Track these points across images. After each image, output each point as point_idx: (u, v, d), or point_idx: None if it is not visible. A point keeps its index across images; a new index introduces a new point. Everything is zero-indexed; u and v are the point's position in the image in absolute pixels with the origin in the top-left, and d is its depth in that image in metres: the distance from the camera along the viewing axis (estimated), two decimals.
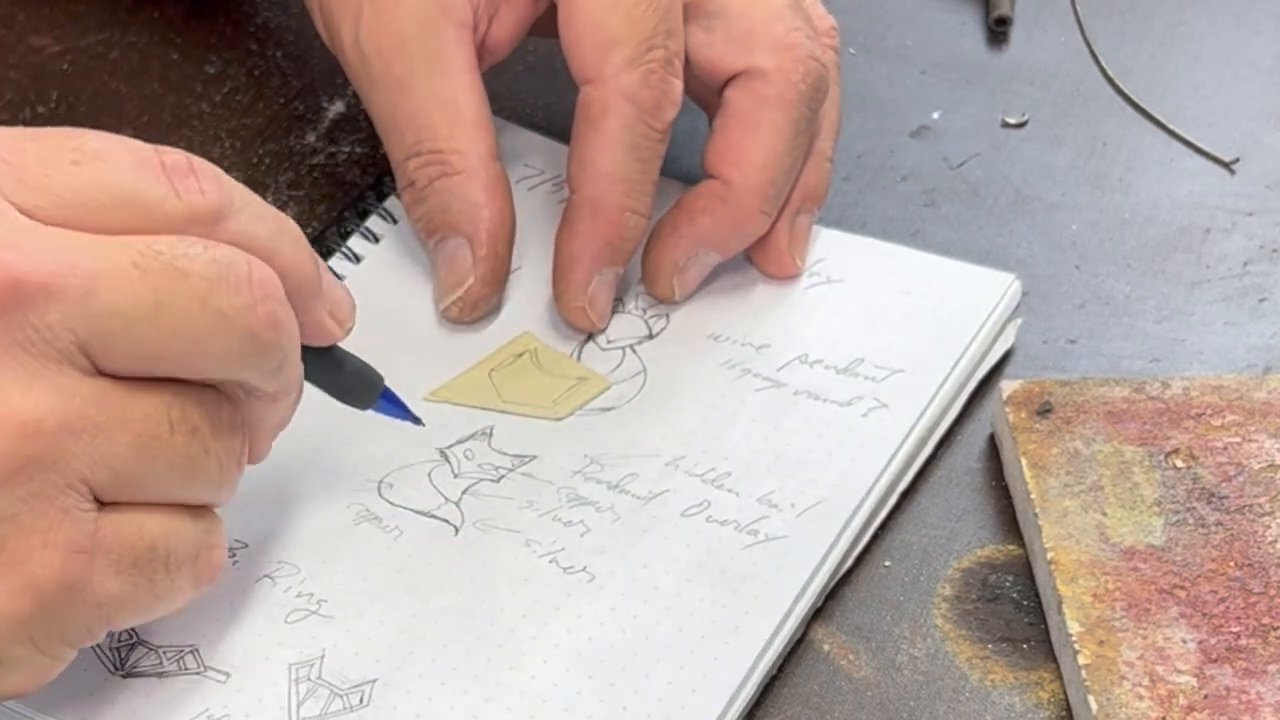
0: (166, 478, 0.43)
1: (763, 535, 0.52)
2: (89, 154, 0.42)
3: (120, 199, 0.42)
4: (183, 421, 0.43)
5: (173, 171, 0.42)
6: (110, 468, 0.42)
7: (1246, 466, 0.54)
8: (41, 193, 0.41)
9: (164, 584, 0.44)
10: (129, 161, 0.42)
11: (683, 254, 0.58)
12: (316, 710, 0.48)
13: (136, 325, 0.41)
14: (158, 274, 0.41)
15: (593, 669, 0.49)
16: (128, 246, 0.41)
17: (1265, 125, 0.69)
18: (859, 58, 0.72)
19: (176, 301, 0.41)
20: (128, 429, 0.42)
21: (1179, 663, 0.49)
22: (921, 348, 0.57)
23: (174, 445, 0.43)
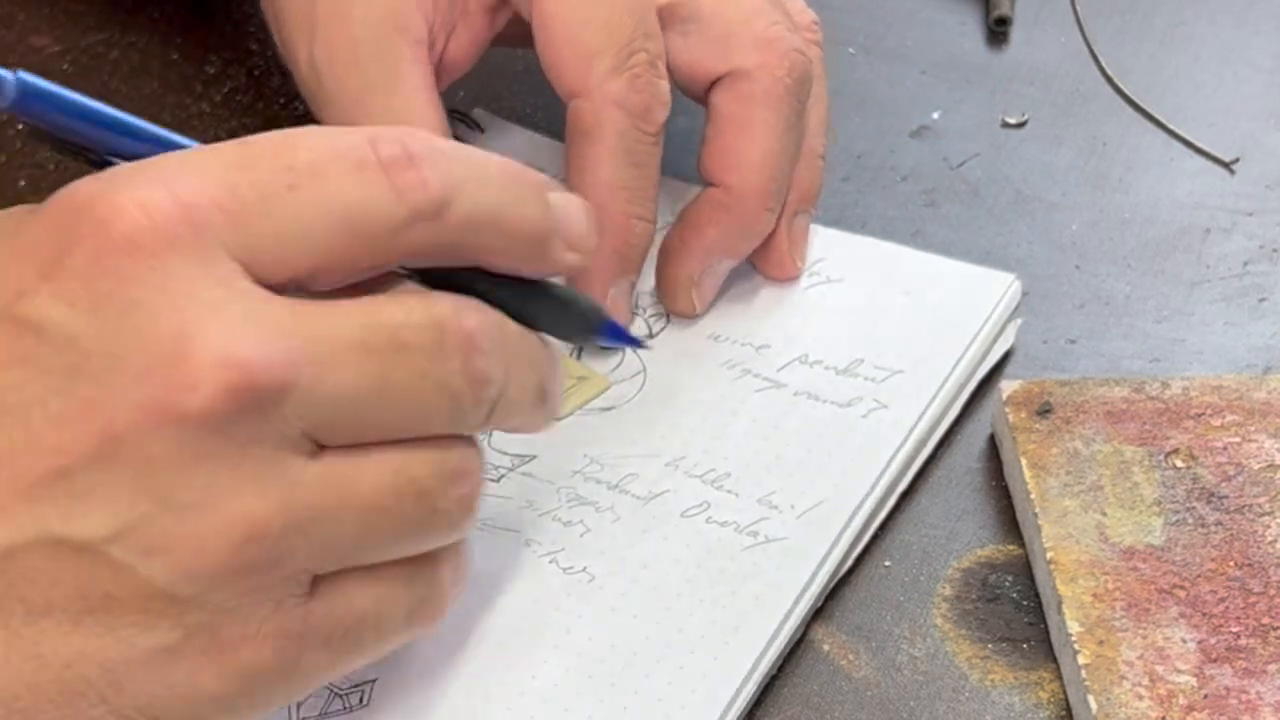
0: (392, 547, 0.42)
1: (763, 536, 0.52)
2: (305, 172, 0.39)
3: (344, 221, 0.40)
4: (409, 487, 0.41)
5: (391, 168, 0.40)
6: (334, 551, 0.40)
7: (1246, 466, 0.54)
8: (263, 238, 0.39)
9: (373, 644, 0.43)
10: (345, 168, 0.40)
11: (696, 267, 0.58)
12: (316, 710, 0.48)
13: (363, 406, 0.40)
14: (383, 352, 0.40)
15: (592, 669, 0.49)
16: (351, 321, 0.39)
17: (1265, 125, 0.69)
18: (859, 58, 0.72)
19: (399, 378, 0.40)
20: (352, 509, 0.40)
21: (1179, 662, 0.49)
22: (921, 348, 0.57)
23: (402, 514, 0.41)
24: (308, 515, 0.39)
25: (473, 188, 0.41)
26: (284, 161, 0.39)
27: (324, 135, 0.40)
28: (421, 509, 0.41)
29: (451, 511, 0.42)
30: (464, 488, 0.43)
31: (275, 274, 0.39)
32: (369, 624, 0.42)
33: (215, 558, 0.38)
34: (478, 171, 0.42)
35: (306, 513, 0.39)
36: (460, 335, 0.41)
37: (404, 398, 0.40)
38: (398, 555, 0.42)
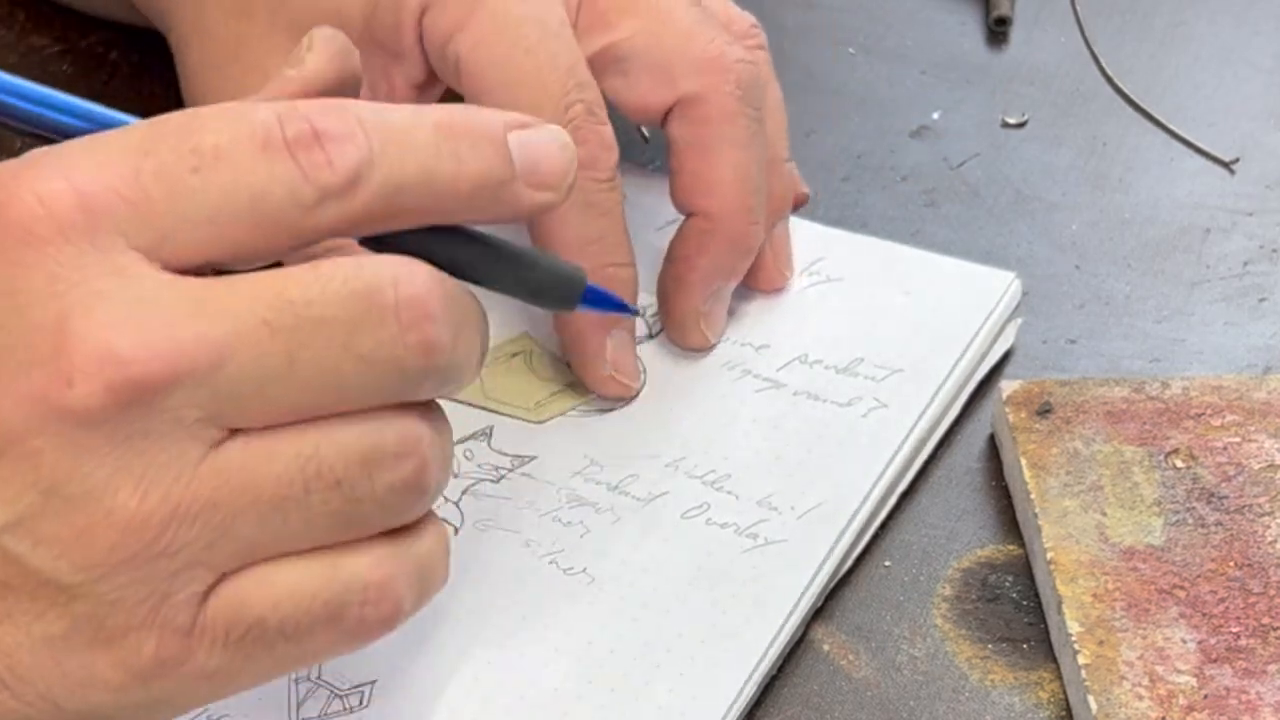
0: (302, 537, 0.39)
1: (763, 539, 0.52)
2: (209, 155, 0.38)
3: (249, 204, 0.38)
4: (320, 478, 0.39)
5: (297, 147, 0.38)
6: (231, 544, 0.39)
7: (1246, 466, 0.54)
8: (166, 223, 0.38)
9: (287, 649, 0.40)
10: (250, 149, 0.38)
11: (699, 300, 0.57)
12: (316, 711, 0.48)
13: (269, 386, 0.38)
14: (291, 328, 0.38)
15: (593, 674, 0.49)
16: (257, 300, 0.38)
17: (1265, 125, 0.69)
18: (859, 58, 0.72)
19: (312, 355, 0.38)
20: (252, 499, 0.38)
21: (1179, 663, 0.49)
22: (921, 347, 0.57)
23: (311, 505, 0.39)
24: (197, 509, 0.38)
25: (393, 156, 0.39)
26: (188, 144, 0.38)
27: (231, 115, 0.39)
28: (335, 498, 0.39)
29: (384, 500, 0.40)
30: (400, 471, 0.40)
31: (183, 259, 0.38)
32: (273, 626, 0.40)
33: (97, 549, 0.38)
34: (400, 137, 0.39)
35: (196, 505, 0.38)
36: (393, 300, 0.39)
37: (320, 376, 0.38)
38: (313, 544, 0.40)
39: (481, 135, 0.41)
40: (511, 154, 0.41)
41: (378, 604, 0.41)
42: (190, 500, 0.38)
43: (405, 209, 0.40)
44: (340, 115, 0.39)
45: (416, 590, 0.42)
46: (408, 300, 0.39)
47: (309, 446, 0.39)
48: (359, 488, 0.39)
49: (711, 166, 0.56)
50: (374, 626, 0.41)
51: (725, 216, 0.56)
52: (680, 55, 0.56)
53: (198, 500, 0.38)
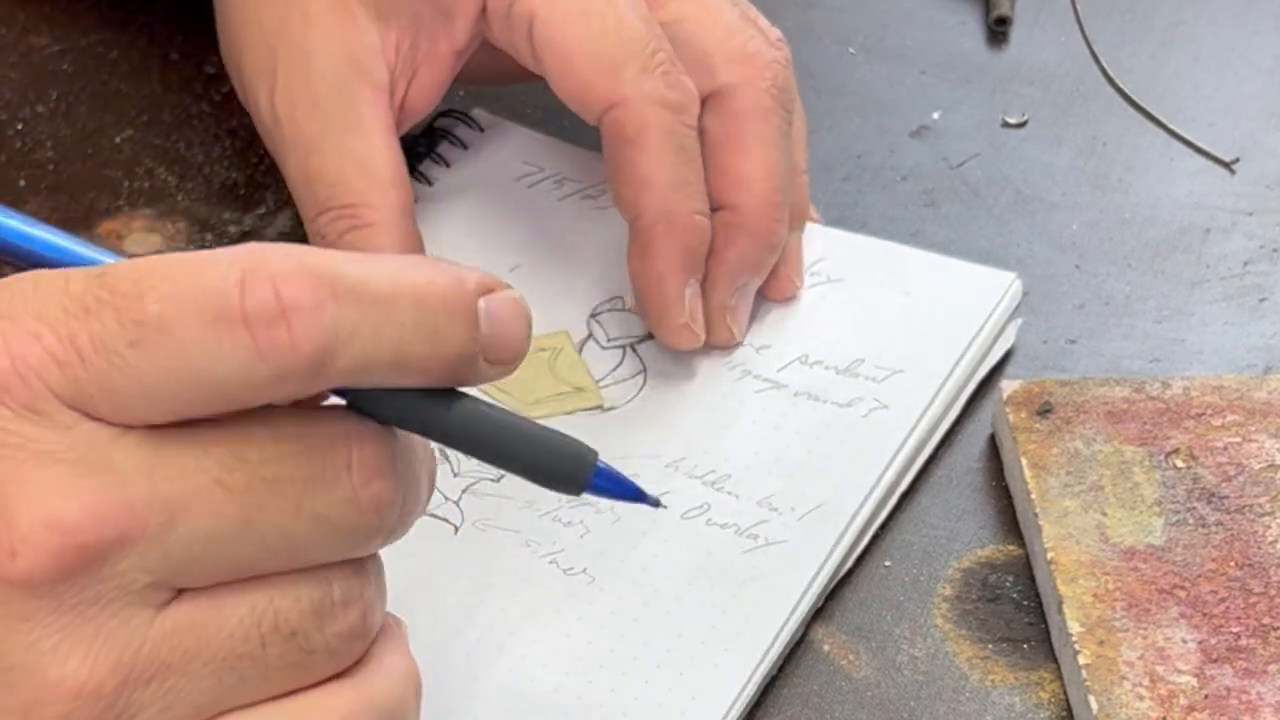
0: (260, 688, 0.38)
1: (763, 539, 0.52)
2: (152, 326, 0.35)
3: (190, 381, 0.35)
4: (276, 631, 0.37)
5: (255, 323, 0.35)
6: (185, 706, 0.37)
7: (1247, 466, 0.54)
8: (102, 393, 0.35)
9: None
10: (198, 324, 0.35)
11: (725, 295, 0.57)
12: None
13: (223, 546, 0.36)
14: (245, 489, 0.36)
15: (593, 674, 0.49)
16: (207, 458, 0.36)
17: (1265, 125, 0.68)
18: (859, 58, 0.72)
19: (267, 516, 0.36)
20: (208, 658, 0.37)
21: (1179, 663, 0.49)
22: (922, 348, 0.57)
23: (267, 658, 0.37)
24: (151, 671, 0.36)
25: (367, 334, 0.36)
26: (130, 314, 0.35)
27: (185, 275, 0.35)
28: (292, 651, 0.38)
29: (334, 647, 0.38)
30: (348, 619, 0.38)
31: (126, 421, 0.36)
32: None
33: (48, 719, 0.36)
34: (379, 313, 0.36)
35: (149, 669, 0.36)
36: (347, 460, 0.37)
37: (274, 535, 0.36)
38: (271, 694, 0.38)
39: (457, 307, 0.37)
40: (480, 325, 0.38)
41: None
42: (143, 665, 0.36)
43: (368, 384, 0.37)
44: (311, 281, 0.35)
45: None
46: (360, 459, 0.37)
47: (263, 601, 0.37)
48: (312, 638, 0.38)
49: (742, 162, 0.57)
50: None
51: (752, 211, 0.57)
52: (721, 48, 0.57)
53: (151, 664, 0.36)
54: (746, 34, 0.58)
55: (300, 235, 0.64)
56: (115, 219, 0.64)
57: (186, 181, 0.65)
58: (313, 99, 0.57)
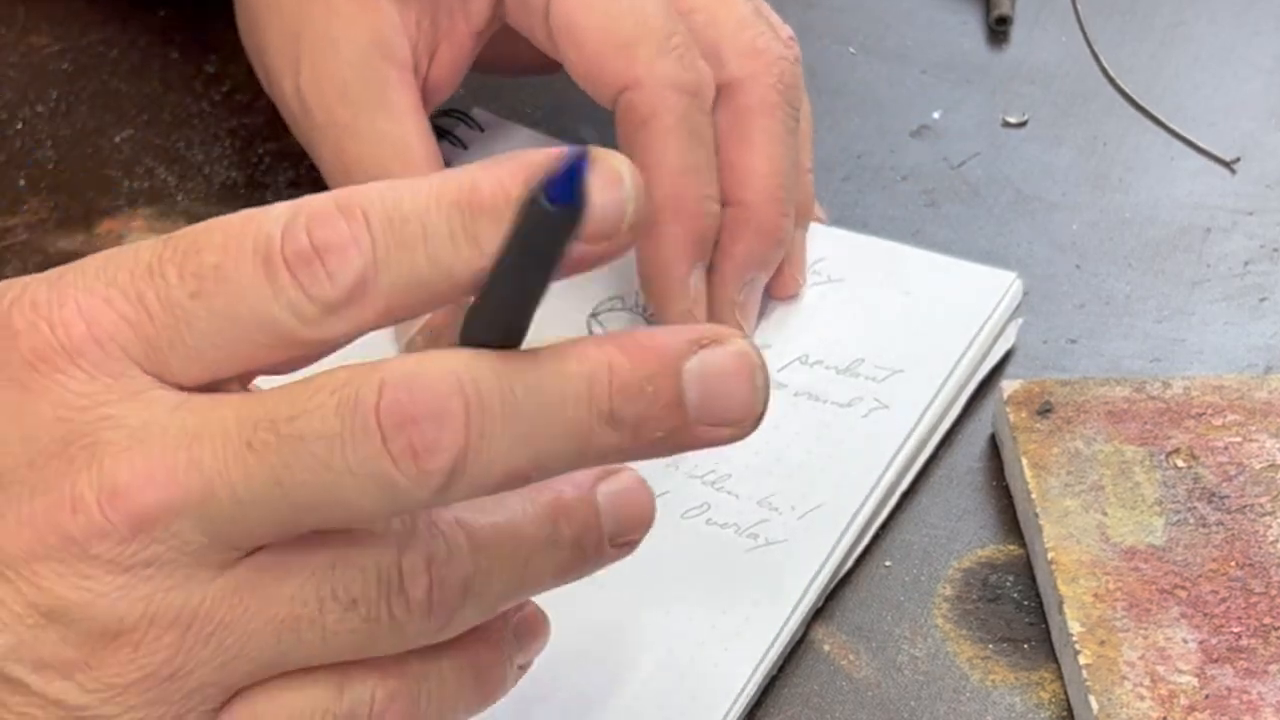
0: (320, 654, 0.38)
1: (763, 539, 0.52)
2: (209, 274, 0.37)
3: (250, 325, 0.37)
4: (335, 598, 0.37)
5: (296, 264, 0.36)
6: (244, 664, 0.38)
7: (1247, 466, 0.53)
8: (172, 348, 0.37)
9: None
10: (251, 268, 0.37)
11: (734, 290, 0.57)
12: None
13: (259, 508, 0.36)
14: (273, 449, 0.36)
15: (591, 672, 0.49)
16: (243, 422, 0.36)
17: (1265, 125, 0.68)
18: (859, 57, 0.72)
19: (296, 475, 0.36)
20: (265, 619, 0.37)
21: (1180, 663, 0.48)
22: (922, 348, 0.57)
23: (325, 625, 0.37)
24: (209, 628, 0.37)
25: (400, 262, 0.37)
26: (190, 266, 0.37)
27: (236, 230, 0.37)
28: (352, 620, 0.38)
29: (401, 620, 0.38)
30: (415, 593, 0.38)
31: (194, 379, 0.37)
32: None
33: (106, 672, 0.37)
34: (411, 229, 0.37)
35: (207, 625, 0.37)
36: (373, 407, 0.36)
37: (307, 494, 0.36)
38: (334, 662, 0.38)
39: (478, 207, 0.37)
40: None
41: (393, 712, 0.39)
42: (202, 623, 0.37)
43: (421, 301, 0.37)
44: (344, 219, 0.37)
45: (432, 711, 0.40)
46: (390, 404, 0.35)
47: (327, 562, 0.37)
48: (376, 609, 0.38)
49: (749, 157, 0.56)
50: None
51: (759, 206, 0.56)
52: (732, 41, 0.57)
53: (210, 622, 0.37)
54: (758, 29, 0.58)
55: None
56: (115, 218, 0.64)
57: (186, 181, 0.65)
58: (341, 84, 0.57)
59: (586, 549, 0.40)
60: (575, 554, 0.40)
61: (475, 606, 0.39)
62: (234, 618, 0.37)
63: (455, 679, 0.40)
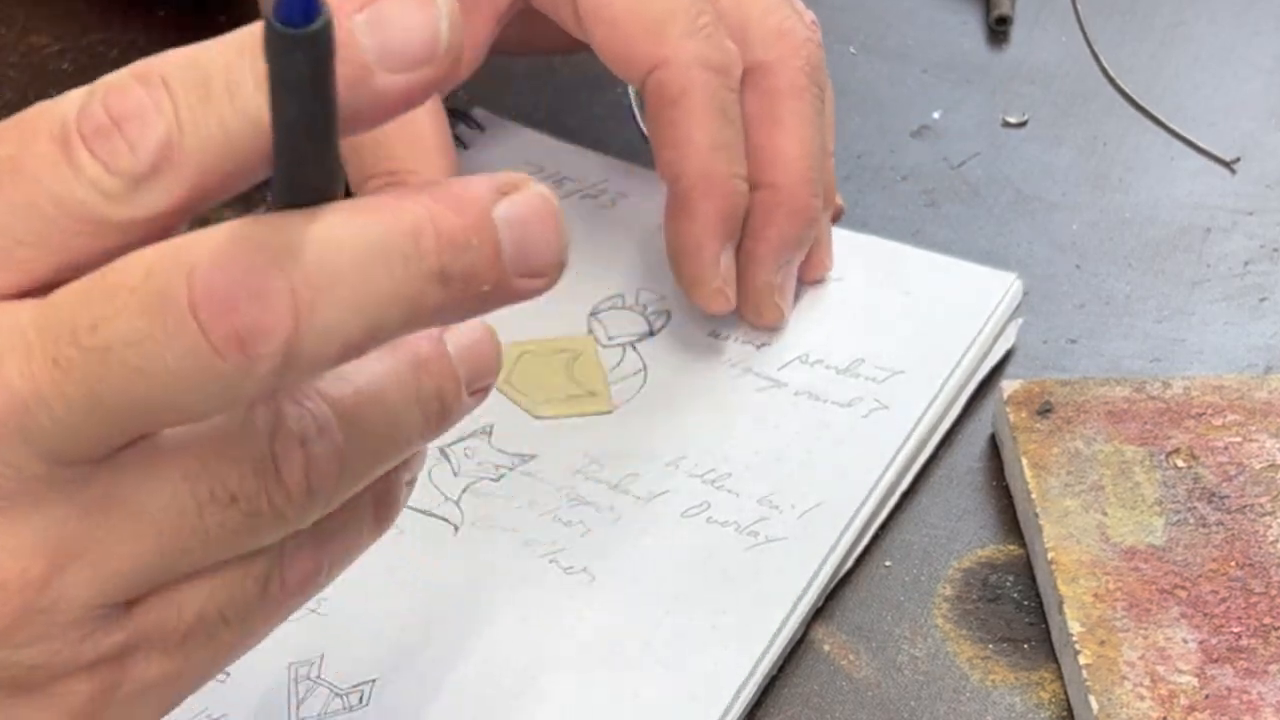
0: (209, 555, 0.36)
1: (763, 537, 0.52)
2: (6, 169, 0.34)
3: (56, 213, 0.34)
4: (214, 498, 0.35)
5: (93, 139, 0.33)
6: (130, 576, 0.35)
7: (1247, 466, 0.53)
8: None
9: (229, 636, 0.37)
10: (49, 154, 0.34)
11: (770, 273, 0.57)
12: (316, 710, 0.48)
13: (86, 424, 0.33)
14: (79, 365, 0.33)
15: (592, 671, 0.49)
16: (43, 337, 0.33)
17: (1265, 125, 0.68)
18: (859, 57, 0.72)
19: (111, 386, 0.33)
20: (141, 531, 0.35)
21: (1180, 663, 0.48)
22: (922, 348, 0.57)
23: (207, 529, 0.35)
24: (79, 550, 0.35)
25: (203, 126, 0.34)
26: None
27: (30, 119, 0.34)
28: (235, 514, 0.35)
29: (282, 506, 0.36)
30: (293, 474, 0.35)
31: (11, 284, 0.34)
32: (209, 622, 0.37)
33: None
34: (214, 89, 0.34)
35: (75, 548, 0.35)
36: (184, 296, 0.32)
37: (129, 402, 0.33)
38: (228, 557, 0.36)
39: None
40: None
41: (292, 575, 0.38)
42: (68, 545, 0.35)
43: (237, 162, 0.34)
44: (141, 87, 0.34)
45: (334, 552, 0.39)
46: (204, 291, 0.32)
47: (194, 466, 0.35)
48: (256, 502, 0.35)
49: (779, 140, 0.57)
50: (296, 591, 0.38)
51: (790, 188, 0.57)
52: (759, 24, 0.57)
53: (76, 543, 0.35)
54: (784, 12, 0.58)
55: None
56: None
57: None
58: None
59: (448, 400, 0.38)
60: (439, 408, 0.38)
61: (350, 478, 0.37)
62: (104, 534, 0.35)
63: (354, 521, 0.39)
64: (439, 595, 0.51)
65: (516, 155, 0.65)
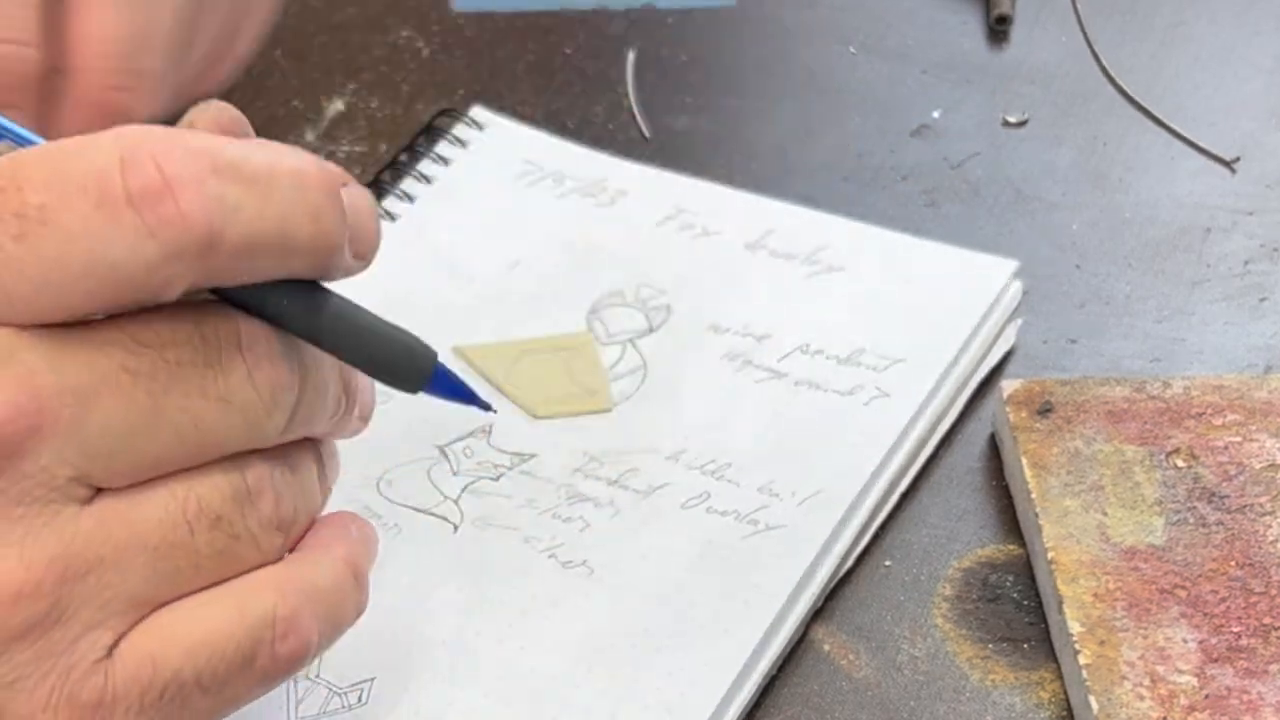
0: (194, 580, 0.38)
1: (763, 525, 0.52)
2: (34, 217, 0.34)
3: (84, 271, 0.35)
4: (201, 516, 0.38)
5: (141, 202, 0.35)
6: (126, 598, 0.37)
7: (1247, 466, 0.53)
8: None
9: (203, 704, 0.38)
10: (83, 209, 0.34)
11: None
12: (315, 708, 0.48)
13: (136, 438, 0.36)
14: (150, 375, 0.36)
15: (591, 661, 0.49)
16: (115, 346, 0.36)
17: (1265, 125, 0.68)
18: (859, 57, 0.72)
19: (173, 401, 0.36)
20: (139, 549, 0.37)
21: (1180, 663, 0.48)
22: (923, 336, 0.57)
23: (197, 546, 0.38)
24: (86, 566, 0.36)
25: (252, 210, 0.36)
26: (10, 208, 0.35)
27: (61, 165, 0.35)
28: (220, 538, 0.38)
29: (256, 535, 0.39)
30: (264, 507, 0.39)
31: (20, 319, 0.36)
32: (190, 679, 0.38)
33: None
34: (261, 190, 0.36)
35: (84, 564, 0.36)
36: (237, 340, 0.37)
37: (183, 423, 0.37)
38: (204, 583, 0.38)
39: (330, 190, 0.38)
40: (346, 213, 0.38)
41: (286, 638, 0.39)
42: (77, 558, 0.36)
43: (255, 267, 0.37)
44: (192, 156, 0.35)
45: (325, 624, 0.40)
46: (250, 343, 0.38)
47: (182, 490, 0.37)
48: (236, 524, 0.38)
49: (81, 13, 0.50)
50: (285, 664, 0.39)
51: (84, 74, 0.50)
52: None
53: (84, 557, 0.36)
54: None
55: None
56: None
57: None
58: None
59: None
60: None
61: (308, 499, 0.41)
62: (107, 551, 0.36)
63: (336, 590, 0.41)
64: (438, 593, 0.51)
65: (515, 154, 0.65)
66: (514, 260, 0.61)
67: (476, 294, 0.60)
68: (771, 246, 0.61)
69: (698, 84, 0.70)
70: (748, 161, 0.67)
